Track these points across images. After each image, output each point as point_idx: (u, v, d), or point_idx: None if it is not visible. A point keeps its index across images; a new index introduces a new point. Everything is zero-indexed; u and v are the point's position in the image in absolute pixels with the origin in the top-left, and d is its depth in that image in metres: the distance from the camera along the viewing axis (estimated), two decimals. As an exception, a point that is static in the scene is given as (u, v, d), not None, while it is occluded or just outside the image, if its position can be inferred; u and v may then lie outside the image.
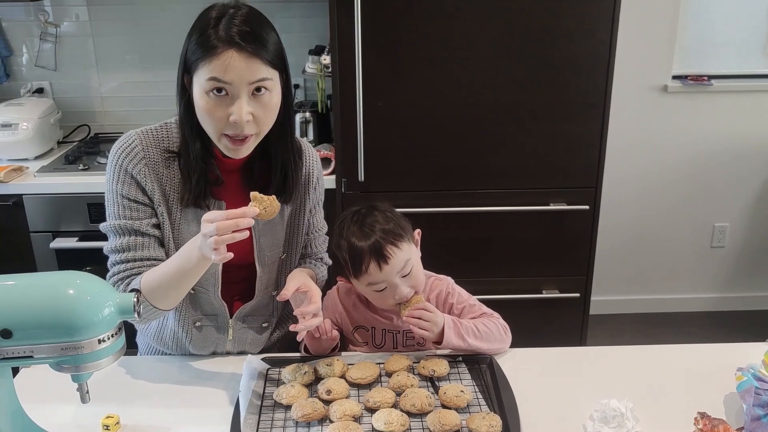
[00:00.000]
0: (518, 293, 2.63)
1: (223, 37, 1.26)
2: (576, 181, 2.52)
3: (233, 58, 1.25)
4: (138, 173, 1.38)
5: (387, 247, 1.39)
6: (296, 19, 2.86)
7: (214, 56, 1.25)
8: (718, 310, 3.54)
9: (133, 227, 1.38)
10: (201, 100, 1.29)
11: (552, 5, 2.31)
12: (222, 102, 1.28)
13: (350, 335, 1.56)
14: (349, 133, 2.41)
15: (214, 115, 1.29)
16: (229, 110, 1.28)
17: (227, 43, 1.25)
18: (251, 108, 1.29)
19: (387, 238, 1.40)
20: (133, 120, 2.89)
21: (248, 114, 1.29)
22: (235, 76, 1.26)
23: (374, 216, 1.44)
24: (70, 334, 0.97)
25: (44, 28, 2.90)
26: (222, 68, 1.25)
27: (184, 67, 1.33)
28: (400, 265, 1.41)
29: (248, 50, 1.26)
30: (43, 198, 2.48)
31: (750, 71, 3.22)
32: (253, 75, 1.28)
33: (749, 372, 1.25)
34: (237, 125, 1.28)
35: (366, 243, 1.40)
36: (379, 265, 1.39)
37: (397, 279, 1.41)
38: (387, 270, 1.40)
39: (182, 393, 1.38)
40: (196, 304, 1.48)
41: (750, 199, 3.39)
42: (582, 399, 1.31)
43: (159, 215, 1.40)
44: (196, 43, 1.29)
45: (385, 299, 1.44)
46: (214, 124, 1.30)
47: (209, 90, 1.27)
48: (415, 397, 1.27)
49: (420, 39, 2.33)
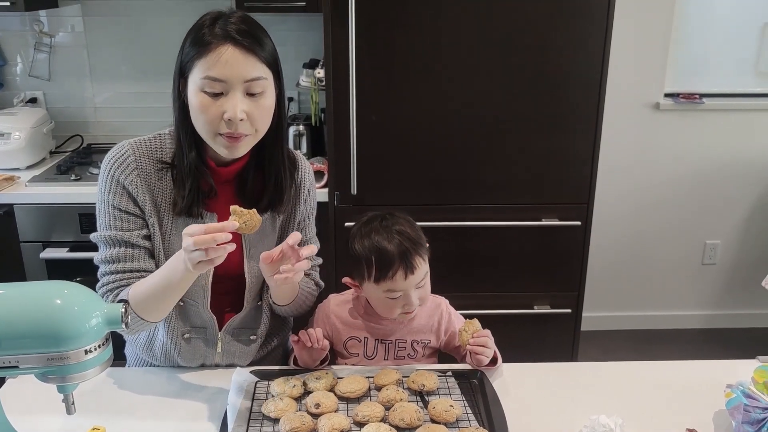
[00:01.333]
0: (510, 308, 2.63)
1: (218, 33, 1.27)
2: (568, 197, 2.53)
3: (228, 52, 1.26)
4: (129, 184, 1.37)
5: (415, 257, 1.42)
6: (291, 33, 2.87)
7: (209, 51, 1.26)
8: (709, 327, 3.55)
9: (123, 238, 1.38)
10: (195, 99, 1.29)
11: (545, 21, 2.33)
12: (216, 100, 1.28)
13: (341, 347, 1.55)
14: (342, 146, 2.41)
15: (208, 113, 1.29)
16: (223, 108, 1.28)
17: (223, 39, 1.27)
18: (246, 107, 1.29)
19: (415, 248, 1.42)
20: (126, 131, 2.89)
21: (242, 112, 1.29)
22: (229, 73, 1.26)
23: (401, 224, 1.46)
24: (56, 344, 0.96)
25: (39, 38, 2.91)
26: (216, 64, 1.26)
27: (179, 70, 1.33)
28: (420, 277, 1.43)
29: (244, 45, 1.27)
30: (34, 208, 2.47)
31: (741, 90, 3.25)
32: (248, 72, 1.28)
33: (738, 389, 1.25)
34: (231, 122, 1.28)
35: (396, 250, 1.41)
36: (406, 273, 1.41)
37: (413, 290, 1.43)
38: (410, 280, 1.42)
39: (170, 405, 1.37)
40: (185, 316, 1.47)
41: (741, 216, 3.41)
42: (572, 414, 1.31)
43: (150, 226, 1.40)
44: (191, 44, 1.30)
45: (394, 308, 1.45)
46: (209, 124, 1.30)
47: (204, 88, 1.28)
48: (404, 411, 1.26)
49: (414, 53, 2.35)
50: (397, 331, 1.52)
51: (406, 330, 1.52)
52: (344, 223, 2.46)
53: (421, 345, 1.53)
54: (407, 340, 1.52)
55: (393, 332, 1.52)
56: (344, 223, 2.47)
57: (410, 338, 1.53)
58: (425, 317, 1.54)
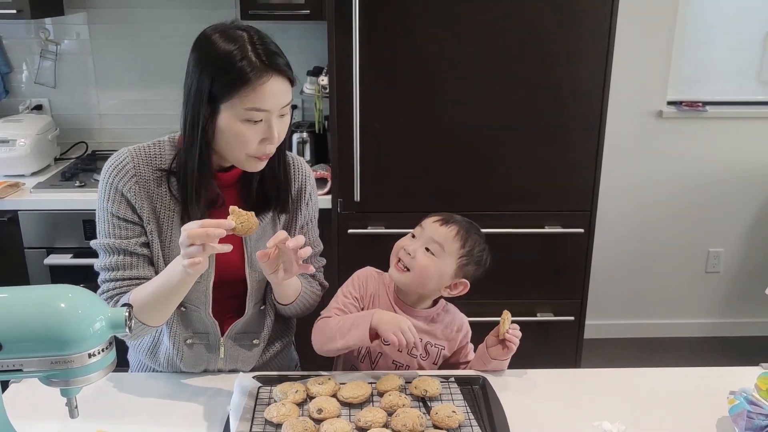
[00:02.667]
0: (512, 315, 2.58)
1: (257, 64, 1.28)
2: (571, 205, 2.53)
3: (274, 84, 1.30)
4: (128, 191, 1.38)
5: (464, 231, 1.50)
6: (295, 41, 2.88)
7: (257, 85, 1.28)
8: (713, 335, 3.54)
9: (122, 246, 1.38)
10: (233, 128, 1.31)
11: (548, 29, 2.33)
12: (255, 128, 1.32)
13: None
14: (345, 153, 2.42)
15: (249, 141, 1.32)
16: (262, 134, 1.32)
17: (265, 70, 1.29)
18: (279, 129, 1.34)
19: (470, 232, 1.51)
20: (131, 138, 2.87)
21: (277, 133, 1.34)
22: (273, 104, 1.30)
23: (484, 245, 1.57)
24: (60, 348, 0.96)
25: (45, 45, 2.93)
26: (263, 97, 1.29)
27: (208, 98, 1.30)
28: (441, 239, 1.47)
29: (287, 75, 1.32)
30: (38, 214, 2.48)
31: (744, 98, 3.25)
32: (285, 100, 1.33)
33: (742, 395, 1.25)
34: (270, 148, 1.34)
35: (460, 222, 1.51)
36: (442, 221, 1.49)
37: (423, 245, 1.47)
38: (438, 229, 1.48)
39: (173, 410, 1.37)
40: (188, 321, 1.47)
41: (744, 225, 3.40)
42: (574, 421, 1.31)
43: (148, 233, 1.40)
44: (228, 76, 1.28)
45: (402, 244, 1.50)
46: (246, 149, 1.33)
47: (246, 118, 1.30)
48: (407, 417, 1.26)
49: (417, 61, 2.35)
50: (417, 328, 1.49)
51: (424, 329, 1.53)
52: (347, 230, 2.47)
53: (435, 349, 1.54)
54: (423, 339, 1.52)
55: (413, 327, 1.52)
56: (347, 229, 2.47)
57: (426, 339, 1.53)
58: (444, 326, 1.56)
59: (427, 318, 1.54)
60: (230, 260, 1.44)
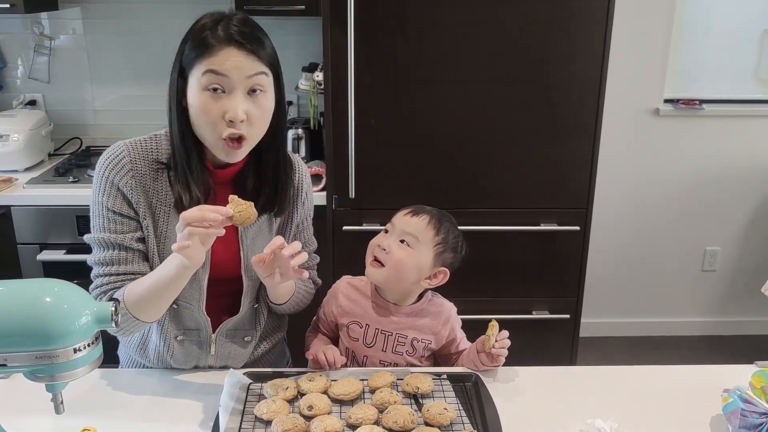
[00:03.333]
0: (508, 313, 2.60)
1: (221, 36, 1.27)
2: (567, 202, 2.52)
3: (231, 53, 1.27)
4: (124, 185, 1.36)
5: (435, 219, 1.49)
6: (291, 37, 2.87)
7: (212, 54, 1.27)
8: (709, 334, 3.53)
9: (117, 241, 1.36)
10: (196, 99, 1.29)
11: (545, 26, 2.32)
12: (218, 99, 1.28)
13: (344, 329, 1.55)
14: (340, 150, 2.40)
15: (210, 112, 1.28)
16: (224, 107, 1.28)
17: (226, 41, 1.27)
18: (246, 106, 1.30)
19: (442, 220, 1.50)
20: (126, 133, 2.79)
21: (243, 112, 1.29)
22: (231, 67, 1.27)
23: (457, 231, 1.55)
24: (45, 343, 0.95)
25: (39, 40, 2.91)
26: (219, 60, 1.27)
27: (179, 71, 1.32)
28: (413, 230, 1.47)
29: (247, 47, 1.28)
30: (31, 210, 2.47)
31: (741, 96, 3.25)
32: (250, 68, 1.29)
33: (736, 393, 1.24)
34: (233, 123, 1.29)
35: (430, 211, 1.50)
36: (412, 212, 1.48)
37: (397, 239, 1.47)
38: (408, 221, 1.48)
39: (162, 406, 1.36)
40: (179, 318, 1.45)
41: (741, 223, 3.40)
42: (567, 418, 1.30)
43: (144, 228, 1.39)
44: (192, 46, 1.29)
45: (376, 241, 1.50)
46: (210, 125, 1.30)
47: (206, 86, 1.28)
48: (398, 414, 1.25)
49: (413, 58, 2.34)
50: (401, 325, 1.52)
51: (408, 325, 1.52)
52: (342, 227, 2.46)
53: (421, 344, 1.53)
54: (408, 336, 1.52)
55: (396, 325, 1.52)
56: (342, 226, 2.46)
57: (411, 335, 1.52)
58: (431, 318, 1.54)
59: (411, 314, 1.53)
60: (225, 258, 1.43)
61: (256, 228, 1.45)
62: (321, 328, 1.60)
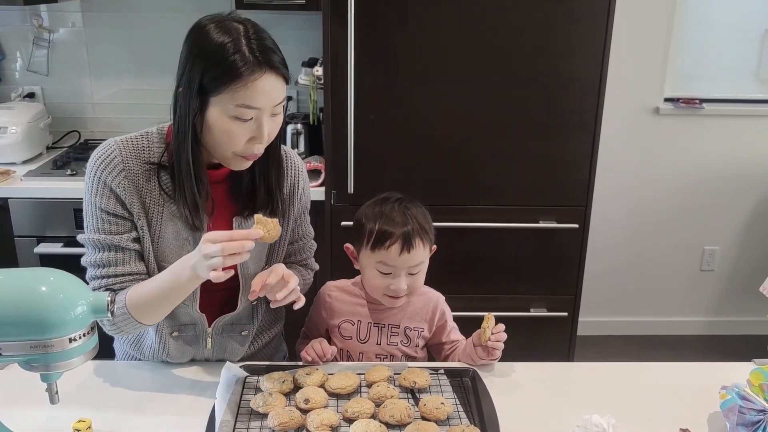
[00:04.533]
0: (506, 311, 2.61)
1: (251, 60, 1.22)
2: (566, 200, 2.52)
3: (267, 81, 1.24)
4: (117, 186, 1.33)
5: (416, 238, 1.44)
6: (293, 32, 2.86)
7: (248, 81, 1.22)
8: (707, 333, 3.53)
9: (113, 242, 1.34)
10: (222, 124, 1.26)
11: (545, 24, 2.32)
12: (245, 125, 1.26)
13: (335, 330, 1.55)
14: (339, 145, 2.40)
15: (238, 138, 1.27)
16: (251, 132, 1.27)
17: (258, 66, 1.23)
18: (270, 128, 1.29)
19: (419, 231, 1.46)
20: (124, 127, 2.82)
21: (269, 135, 1.30)
22: (264, 102, 1.25)
23: (418, 208, 1.51)
24: (40, 332, 0.95)
25: (38, 33, 2.90)
26: (256, 94, 1.23)
27: (198, 90, 1.25)
28: (416, 261, 1.46)
29: (281, 72, 1.26)
30: (29, 202, 2.46)
31: (741, 96, 3.24)
32: (279, 97, 1.28)
33: (733, 390, 1.23)
34: (259, 147, 1.29)
35: (402, 225, 1.45)
36: (402, 249, 1.43)
37: (404, 272, 1.46)
38: (405, 258, 1.44)
39: (158, 399, 1.35)
40: (173, 315, 1.43)
41: (740, 223, 3.39)
42: (565, 414, 1.30)
43: (139, 229, 1.36)
44: (219, 68, 1.23)
45: (380, 285, 1.48)
46: (234, 146, 1.28)
47: (236, 115, 1.25)
48: (395, 408, 1.24)
49: (413, 53, 2.34)
50: (391, 316, 1.54)
51: (399, 315, 1.54)
52: (340, 222, 2.45)
53: (414, 332, 1.54)
54: (400, 326, 1.54)
55: (387, 317, 1.54)
56: (340, 221, 2.45)
57: (404, 324, 1.54)
58: (420, 305, 1.56)
59: (401, 307, 1.55)
60: None
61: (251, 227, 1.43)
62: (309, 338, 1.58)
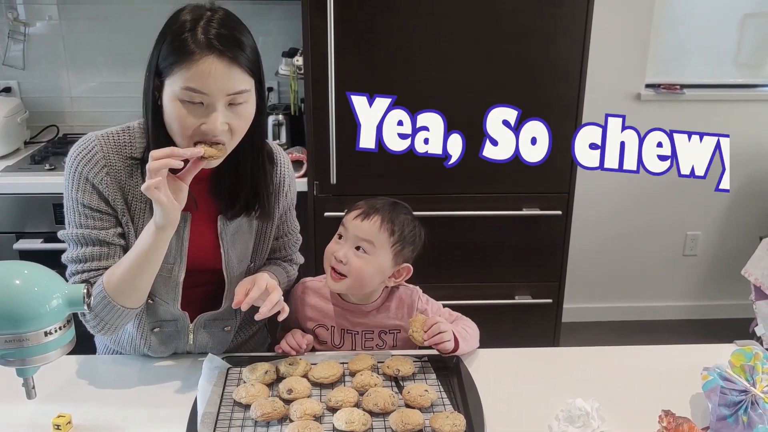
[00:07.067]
0: (490, 299, 2.61)
1: (201, 41, 1.19)
2: (549, 187, 2.52)
3: (212, 64, 1.18)
4: (100, 183, 1.30)
5: (387, 220, 1.43)
6: (273, 22, 2.84)
7: (191, 62, 1.18)
8: (690, 318, 3.56)
9: (98, 237, 1.31)
10: (172, 107, 1.22)
11: (526, 10, 2.31)
12: (195, 110, 1.21)
13: (311, 333, 1.52)
14: (321, 135, 2.38)
15: (185, 123, 1.22)
16: (202, 120, 1.22)
17: (206, 48, 1.18)
18: (226, 118, 1.23)
19: (395, 217, 1.45)
20: (103, 121, 2.83)
21: (223, 124, 1.23)
22: (213, 87, 1.19)
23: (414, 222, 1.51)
24: (14, 326, 0.93)
25: (14, 26, 2.85)
26: (200, 77, 1.18)
27: (155, 71, 1.24)
28: (367, 236, 1.42)
29: (228, 56, 1.20)
30: (7, 198, 2.42)
31: (722, 81, 3.26)
32: (231, 86, 1.21)
33: (715, 372, 1.24)
34: (210, 133, 1.22)
35: (381, 209, 1.45)
36: (363, 215, 1.43)
37: (352, 246, 1.43)
38: (360, 226, 1.43)
39: (139, 392, 1.34)
40: (155, 311, 1.41)
41: (722, 208, 3.42)
42: (548, 399, 1.30)
43: (124, 225, 1.34)
44: (171, 47, 1.21)
45: (331, 250, 1.46)
46: (184, 132, 1.23)
47: (183, 98, 1.20)
48: (378, 396, 1.24)
49: (394, 40, 2.32)
50: (365, 323, 1.50)
51: (373, 321, 1.50)
52: (324, 213, 2.44)
53: (390, 335, 1.51)
54: (375, 331, 1.50)
55: (360, 323, 1.50)
56: (324, 212, 2.44)
57: (378, 330, 1.51)
58: (394, 309, 1.52)
59: (374, 309, 1.51)
60: (203, 256, 1.39)
61: (236, 224, 1.41)
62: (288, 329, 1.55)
